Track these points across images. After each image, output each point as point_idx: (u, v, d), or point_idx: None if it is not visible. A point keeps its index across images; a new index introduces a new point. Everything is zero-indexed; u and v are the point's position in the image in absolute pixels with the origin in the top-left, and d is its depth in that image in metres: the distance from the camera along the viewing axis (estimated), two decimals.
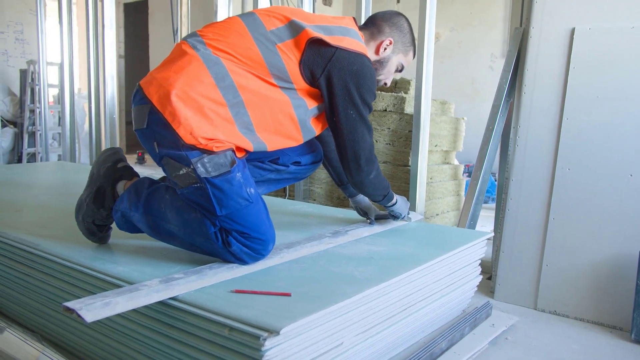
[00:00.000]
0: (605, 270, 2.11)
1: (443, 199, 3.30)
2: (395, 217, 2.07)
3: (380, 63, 1.77)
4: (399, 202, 2.01)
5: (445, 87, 6.60)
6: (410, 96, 3.17)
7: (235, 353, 1.14)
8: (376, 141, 3.21)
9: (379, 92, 3.20)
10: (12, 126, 6.17)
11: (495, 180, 3.42)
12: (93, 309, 1.13)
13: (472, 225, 2.49)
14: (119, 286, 1.35)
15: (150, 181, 1.66)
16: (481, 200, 2.52)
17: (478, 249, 1.97)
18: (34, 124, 6.10)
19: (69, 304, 1.14)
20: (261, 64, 1.52)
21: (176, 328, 1.26)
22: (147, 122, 1.48)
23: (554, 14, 2.35)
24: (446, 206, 3.35)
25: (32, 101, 6.07)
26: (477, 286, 2.06)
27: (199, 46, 1.52)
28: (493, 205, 3.87)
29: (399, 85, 3.43)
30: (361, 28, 1.75)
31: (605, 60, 2.22)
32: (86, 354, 1.56)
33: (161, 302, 1.25)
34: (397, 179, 3.11)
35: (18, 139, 6.15)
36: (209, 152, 1.44)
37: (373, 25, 1.75)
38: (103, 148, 4.84)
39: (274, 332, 1.08)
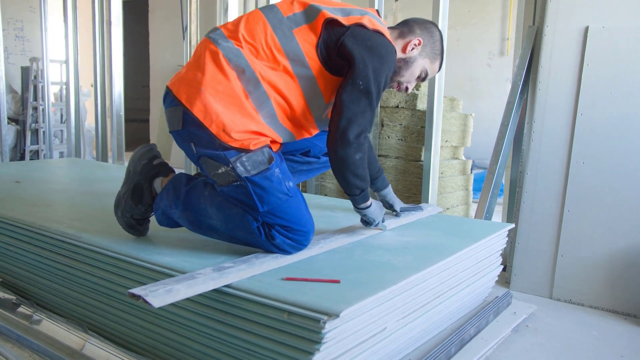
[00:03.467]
0: (620, 260, 2.19)
1: (453, 194, 3.38)
2: (367, 223, 1.82)
3: (405, 62, 1.74)
4: (374, 207, 1.78)
5: (443, 84, 6.66)
6: (421, 93, 3.23)
7: (293, 336, 1.20)
8: (388, 137, 3.27)
9: (391, 89, 3.25)
10: (13, 124, 6.15)
11: None
12: (158, 295, 1.19)
13: (488, 218, 2.56)
14: (169, 275, 1.40)
15: (188, 177, 1.69)
16: (496, 193, 2.59)
17: (500, 239, 2.05)
18: (36, 122, 6.09)
19: (134, 291, 1.19)
20: (279, 51, 1.54)
21: (230, 314, 1.31)
22: (182, 122, 1.52)
23: (568, 13, 2.42)
24: (456, 200, 3.42)
25: (35, 98, 6.06)
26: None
27: (220, 40, 1.55)
28: (498, 199, 3.95)
29: None
30: (391, 28, 1.75)
31: (619, 57, 2.29)
32: (132, 342, 1.61)
33: (215, 290, 1.31)
34: (409, 173, 3.18)
35: (20, 136, 6.14)
36: (246, 151, 1.47)
37: (404, 25, 1.76)
38: (109, 145, 4.86)
39: (333, 315, 1.14)
